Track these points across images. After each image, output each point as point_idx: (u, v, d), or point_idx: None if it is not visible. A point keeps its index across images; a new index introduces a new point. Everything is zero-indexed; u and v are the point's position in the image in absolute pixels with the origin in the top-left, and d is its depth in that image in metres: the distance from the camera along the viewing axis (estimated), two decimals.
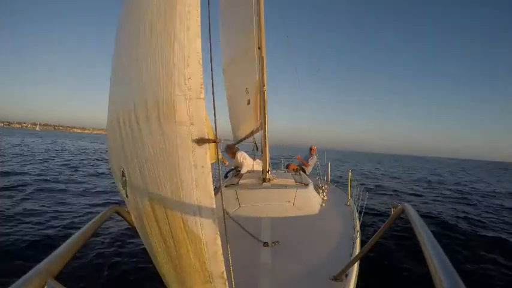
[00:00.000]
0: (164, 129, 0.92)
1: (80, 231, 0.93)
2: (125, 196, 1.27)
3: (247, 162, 4.28)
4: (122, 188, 1.27)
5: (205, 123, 0.90)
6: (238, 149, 4.45)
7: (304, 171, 5.73)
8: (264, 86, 3.60)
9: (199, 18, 0.88)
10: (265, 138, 3.67)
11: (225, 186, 2.49)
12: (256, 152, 5.90)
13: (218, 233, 0.91)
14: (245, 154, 4.40)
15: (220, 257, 0.91)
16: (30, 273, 0.67)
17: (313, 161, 6.19)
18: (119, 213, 1.29)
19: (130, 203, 1.23)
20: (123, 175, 1.18)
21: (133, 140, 1.04)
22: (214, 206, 0.91)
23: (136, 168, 1.04)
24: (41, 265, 0.71)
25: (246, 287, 1.35)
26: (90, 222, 1.02)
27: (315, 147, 6.35)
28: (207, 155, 0.90)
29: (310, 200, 3.04)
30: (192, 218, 0.90)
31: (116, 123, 1.18)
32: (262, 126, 3.67)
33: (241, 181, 3.51)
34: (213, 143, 0.92)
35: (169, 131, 0.91)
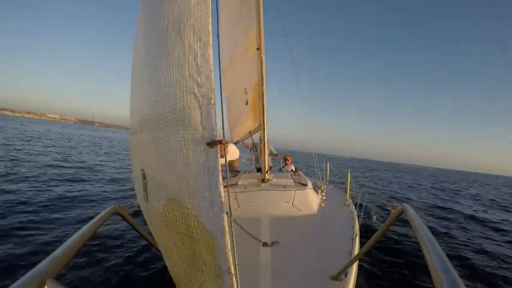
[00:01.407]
0: (181, 134, 0.97)
1: (80, 231, 0.94)
2: (143, 199, 1.31)
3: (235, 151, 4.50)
4: (141, 191, 1.31)
5: (215, 127, 0.95)
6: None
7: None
8: (262, 86, 3.62)
9: (210, 28, 0.93)
10: (264, 139, 3.69)
11: (224, 187, 2.53)
12: (254, 152, 5.92)
13: (227, 230, 0.96)
14: (232, 145, 4.50)
15: (229, 253, 0.96)
16: (30, 273, 0.68)
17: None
18: (118, 213, 1.30)
19: (148, 206, 1.27)
20: (144, 177, 1.23)
21: (153, 144, 1.10)
22: (223, 204, 0.96)
23: (156, 170, 1.09)
24: (41, 265, 0.71)
25: (246, 287, 1.36)
26: (90, 222, 1.04)
27: (289, 158, 6.04)
28: (217, 157, 0.96)
29: (309, 200, 3.04)
30: (205, 216, 0.95)
31: (138, 128, 1.23)
32: (261, 127, 3.70)
33: (239, 181, 3.48)
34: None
35: (185, 136, 0.96)
